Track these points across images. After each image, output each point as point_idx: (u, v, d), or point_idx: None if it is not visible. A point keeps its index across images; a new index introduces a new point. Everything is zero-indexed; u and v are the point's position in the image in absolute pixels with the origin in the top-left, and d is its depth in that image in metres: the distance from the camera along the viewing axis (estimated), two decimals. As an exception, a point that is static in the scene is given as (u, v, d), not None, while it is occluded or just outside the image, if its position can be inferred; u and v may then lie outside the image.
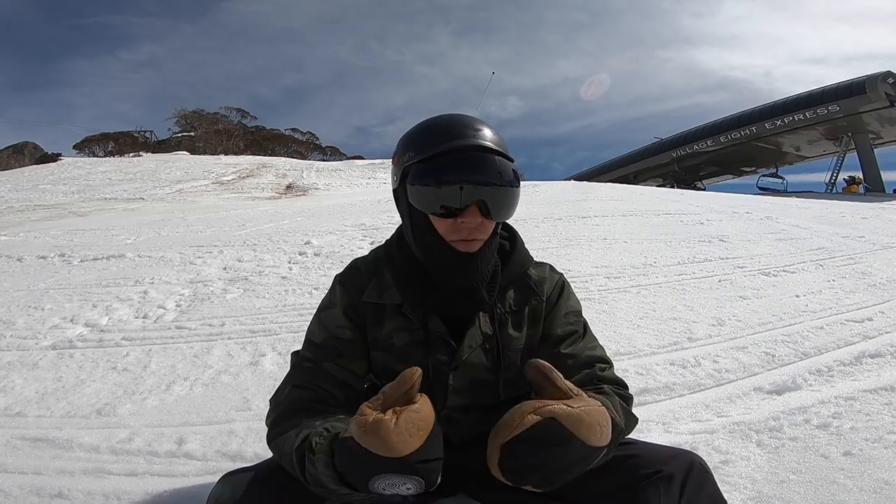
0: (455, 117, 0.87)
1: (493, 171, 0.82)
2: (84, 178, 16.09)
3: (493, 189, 0.82)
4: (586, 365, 0.89)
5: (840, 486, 1.16)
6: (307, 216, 7.34)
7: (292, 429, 0.76)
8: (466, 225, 0.83)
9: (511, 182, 0.84)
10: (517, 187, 0.85)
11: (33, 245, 5.23)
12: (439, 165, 0.82)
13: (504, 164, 0.83)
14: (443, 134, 0.84)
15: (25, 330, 2.55)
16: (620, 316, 2.51)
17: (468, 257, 0.85)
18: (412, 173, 0.84)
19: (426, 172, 0.83)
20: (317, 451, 0.66)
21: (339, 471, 0.64)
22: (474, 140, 0.83)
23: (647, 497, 0.71)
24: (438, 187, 0.82)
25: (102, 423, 1.61)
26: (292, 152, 34.64)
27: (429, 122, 0.88)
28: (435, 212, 0.83)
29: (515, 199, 0.86)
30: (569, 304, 0.97)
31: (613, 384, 0.87)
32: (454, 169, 0.82)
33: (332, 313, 0.93)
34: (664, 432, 1.45)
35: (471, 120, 0.87)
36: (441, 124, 0.86)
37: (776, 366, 1.89)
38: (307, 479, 0.68)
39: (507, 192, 0.84)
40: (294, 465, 0.69)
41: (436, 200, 0.83)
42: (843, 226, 5.62)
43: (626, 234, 4.95)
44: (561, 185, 12.96)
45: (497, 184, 0.82)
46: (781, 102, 29.02)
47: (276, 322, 2.59)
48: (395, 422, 0.59)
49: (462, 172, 0.82)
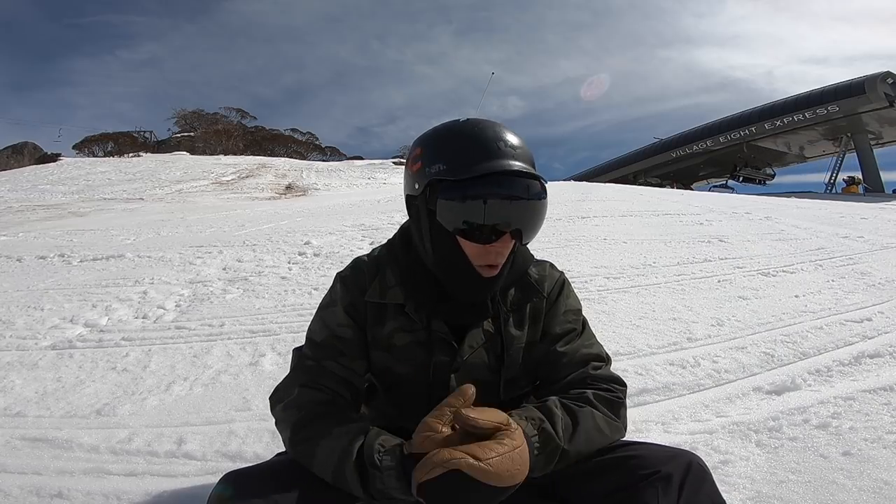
0: (487, 128, 0.82)
1: (534, 199, 0.81)
2: (83, 178, 16.10)
3: (531, 219, 0.82)
4: (581, 363, 0.89)
5: (839, 486, 1.16)
6: (307, 216, 7.34)
7: (321, 437, 0.76)
8: (498, 250, 0.81)
9: (546, 205, 0.83)
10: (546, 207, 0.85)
11: (33, 245, 5.23)
12: (481, 189, 0.78)
13: (540, 187, 0.82)
14: (481, 150, 0.80)
15: (25, 330, 2.55)
16: (620, 316, 2.52)
17: (490, 280, 0.85)
18: (444, 189, 0.80)
19: (464, 194, 0.79)
20: (384, 468, 0.69)
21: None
22: (512, 162, 0.79)
23: (646, 498, 0.71)
24: (479, 214, 0.78)
25: (102, 424, 1.61)
26: (292, 152, 34.66)
27: (460, 131, 0.83)
28: (466, 234, 0.80)
29: (544, 219, 0.85)
30: (568, 303, 0.96)
31: (607, 382, 0.87)
32: (497, 196, 0.79)
33: (333, 311, 0.92)
34: (663, 432, 1.46)
35: (502, 131, 0.83)
36: (477, 136, 0.81)
37: (775, 366, 1.89)
38: (369, 490, 0.71)
39: (542, 216, 0.84)
40: (349, 477, 0.72)
41: (474, 225, 0.79)
42: (843, 226, 5.62)
43: (625, 234, 4.95)
44: (561, 186, 12.97)
45: (537, 215, 0.82)
46: (781, 103, 29.07)
47: (275, 322, 2.59)
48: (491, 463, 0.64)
49: (505, 201, 0.79)
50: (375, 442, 0.73)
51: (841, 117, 26.53)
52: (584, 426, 0.79)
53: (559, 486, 0.82)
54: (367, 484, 0.70)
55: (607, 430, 0.82)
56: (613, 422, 0.83)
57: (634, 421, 1.52)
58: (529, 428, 0.73)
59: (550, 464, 0.74)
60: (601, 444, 0.81)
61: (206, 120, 36.28)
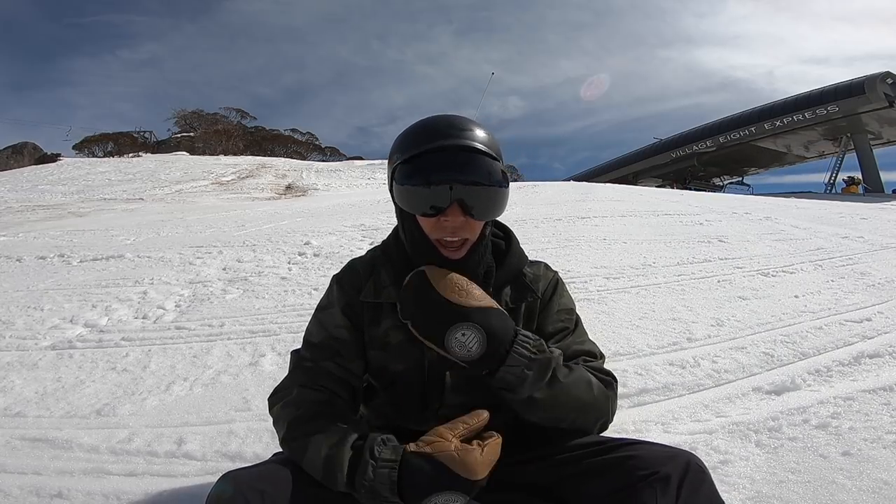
0: (442, 118, 0.88)
1: (473, 170, 0.83)
2: (83, 178, 16.09)
3: (475, 188, 0.83)
4: (571, 360, 0.90)
5: (839, 486, 1.16)
6: (306, 217, 7.34)
7: (318, 433, 0.77)
8: (449, 224, 0.84)
9: (497, 182, 0.85)
10: (503, 187, 0.86)
11: (33, 245, 5.23)
12: (421, 165, 0.84)
13: (488, 163, 0.84)
14: (428, 134, 0.85)
15: (25, 330, 2.55)
16: (620, 316, 2.51)
17: (454, 264, 0.86)
18: (397, 173, 0.86)
19: (409, 173, 0.85)
20: (379, 459, 0.72)
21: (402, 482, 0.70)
22: (457, 140, 0.84)
23: (644, 498, 0.72)
24: (421, 187, 0.83)
25: (102, 424, 1.61)
26: (292, 153, 34.65)
27: (417, 124, 0.89)
28: (418, 211, 0.85)
29: (500, 198, 0.86)
30: (561, 302, 0.98)
31: (599, 374, 0.90)
32: (435, 168, 0.83)
33: (330, 313, 0.94)
34: (663, 432, 1.46)
35: (459, 120, 0.87)
36: (428, 125, 0.87)
37: (775, 366, 1.89)
38: (355, 482, 0.71)
39: (489, 192, 0.84)
40: (337, 468, 0.72)
41: (418, 200, 0.84)
42: (842, 226, 5.61)
43: (625, 234, 4.94)
44: (560, 186, 12.95)
45: (479, 183, 0.83)
46: (781, 103, 29.05)
47: (275, 322, 2.59)
48: (481, 452, 0.72)
49: (442, 171, 0.83)
50: (380, 437, 0.75)
51: (841, 117, 26.49)
52: (577, 373, 0.85)
53: (558, 487, 0.82)
54: (355, 473, 0.71)
55: (595, 390, 0.86)
56: (602, 390, 0.87)
57: (634, 421, 1.52)
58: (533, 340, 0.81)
59: (543, 378, 0.80)
60: (587, 399, 0.85)
61: (205, 120, 36.25)
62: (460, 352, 0.78)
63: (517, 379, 0.78)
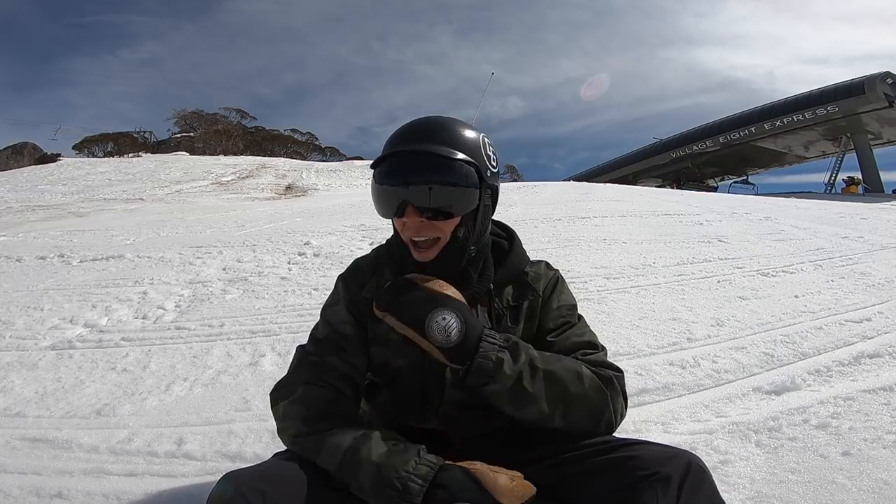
0: (416, 123, 0.91)
1: (421, 173, 0.86)
2: (83, 178, 16.08)
3: (420, 190, 0.86)
4: (570, 351, 0.91)
5: (839, 486, 1.16)
6: (306, 217, 7.34)
7: (334, 428, 0.82)
8: (408, 224, 0.88)
9: (451, 182, 0.86)
10: (461, 186, 0.87)
11: (32, 245, 5.23)
12: (382, 170, 0.90)
13: (443, 164, 0.86)
14: (392, 141, 0.90)
15: (25, 330, 2.55)
16: (620, 316, 2.51)
17: (425, 265, 0.89)
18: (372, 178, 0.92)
19: (374, 177, 0.91)
20: (423, 458, 0.76)
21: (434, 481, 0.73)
22: (413, 145, 0.87)
23: (645, 498, 0.72)
24: (378, 192, 0.90)
25: (102, 424, 1.61)
26: (292, 153, 34.65)
27: (398, 129, 0.93)
28: (380, 213, 0.91)
29: (456, 197, 0.87)
30: (562, 298, 0.99)
31: (597, 366, 0.89)
32: (387, 173, 0.89)
33: (335, 310, 0.96)
34: (663, 432, 1.46)
35: (429, 125, 0.90)
36: (398, 132, 0.91)
37: (775, 366, 1.89)
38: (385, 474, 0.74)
39: (442, 192, 0.86)
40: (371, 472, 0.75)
41: (378, 202, 0.91)
42: (842, 226, 5.62)
43: (625, 234, 4.95)
44: (560, 186, 12.95)
45: (427, 184, 0.85)
46: (781, 103, 29.03)
47: (275, 322, 2.59)
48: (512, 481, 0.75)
49: (392, 176, 0.88)
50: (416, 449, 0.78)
51: (841, 117, 26.48)
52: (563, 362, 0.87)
53: (559, 487, 0.82)
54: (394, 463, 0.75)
55: (587, 382, 0.85)
56: (595, 382, 0.86)
57: (634, 421, 1.52)
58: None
59: (517, 359, 0.82)
60: (574, 391, 0.84)
61: (205, 120, 36.23)
62: (440, 336, 0.80)
63: (494, 365, 0.81)
